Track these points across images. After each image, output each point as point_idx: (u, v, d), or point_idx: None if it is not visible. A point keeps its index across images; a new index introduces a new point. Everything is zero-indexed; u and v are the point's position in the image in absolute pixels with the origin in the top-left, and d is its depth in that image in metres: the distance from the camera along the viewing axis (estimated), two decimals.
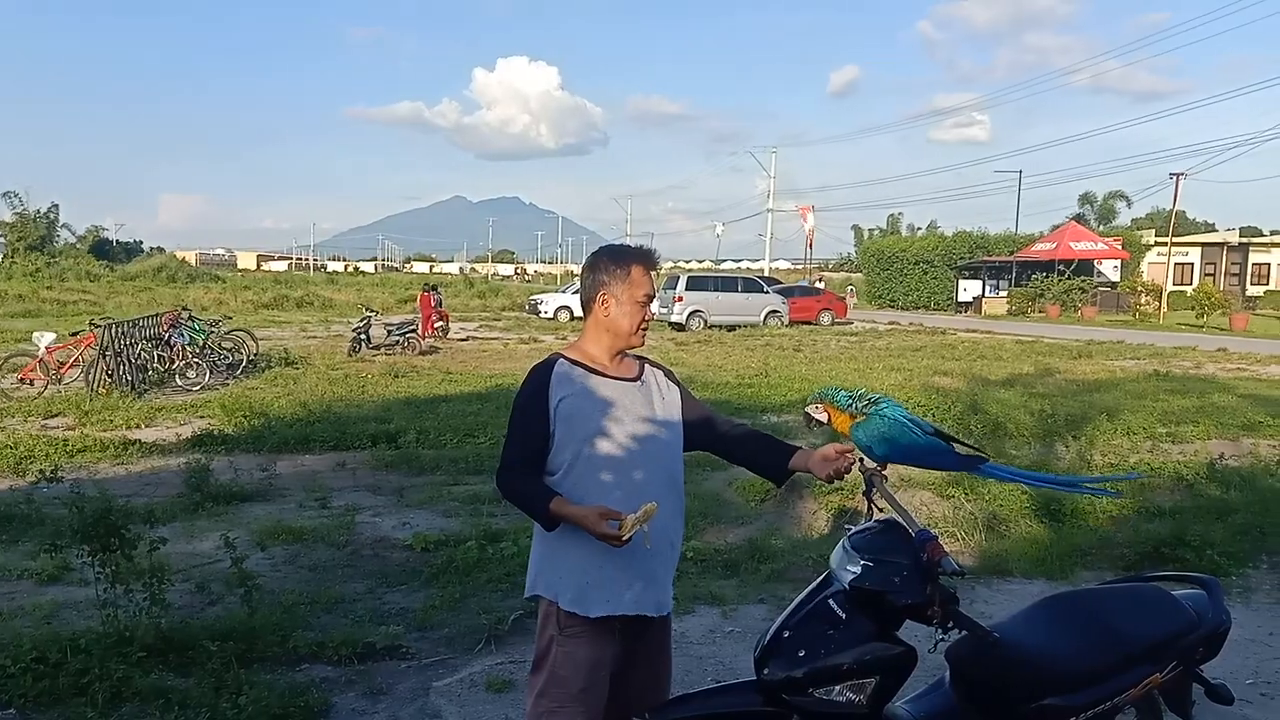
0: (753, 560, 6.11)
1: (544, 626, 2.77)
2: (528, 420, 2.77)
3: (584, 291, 2.90)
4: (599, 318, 2.85)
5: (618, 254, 2.88)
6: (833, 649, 2.59)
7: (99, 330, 13.76)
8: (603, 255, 2.91)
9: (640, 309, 2.85)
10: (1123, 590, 3.19)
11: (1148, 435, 10.45)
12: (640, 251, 2.89)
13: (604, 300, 2.83)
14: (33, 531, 6.51)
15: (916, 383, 14.25)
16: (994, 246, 48.45)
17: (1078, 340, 25.75)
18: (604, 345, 2.87)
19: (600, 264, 2.87)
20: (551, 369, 2.80)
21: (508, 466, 2.79)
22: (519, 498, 2.76)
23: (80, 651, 4.15)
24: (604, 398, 2.79)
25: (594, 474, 2.73)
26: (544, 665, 2.75)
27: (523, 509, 2.79)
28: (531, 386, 2.79)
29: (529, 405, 2.77)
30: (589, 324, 2.89)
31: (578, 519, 2.63)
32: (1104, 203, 75.78)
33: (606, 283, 2.83)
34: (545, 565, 2.79)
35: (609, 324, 2.84)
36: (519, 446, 2.78)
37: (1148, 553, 6.21)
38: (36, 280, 45.60)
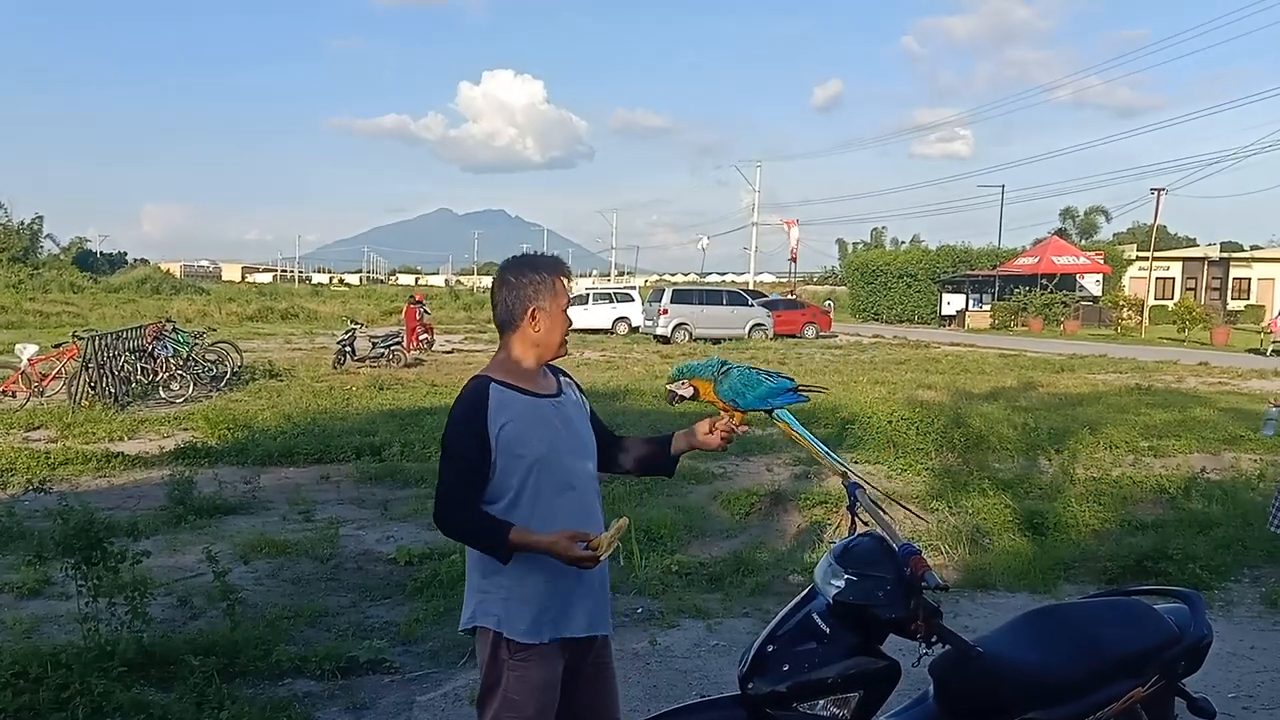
0: (737, 574, 6.12)
1: (493, 653, 2.68)
2: (469, 451, 2.62)
3: (506, 309, 2.73)
4: (529, 333, 2.70)
5: (539, 266, 2.75)
6: (817, 663, 2.59)
7: (82, 342, 13.68)
8: (524, 269, 2.75)
9: (565, 319, 2.76)
10: (1105, 604, 3.21)
11: (1130, 449, 10.51)
12: (557, 261, 2.81)
13: (534, 315, 2.69)
14: (13, 544, 6.45)
15: (900, 396, 14.29)
16: (977, 260, 48.76)
17: (1060, 354, 25.91)
18: (531, 361, 2.74)
19: (524, 278, 2.72)
20: (487, 394, 2.65)
21: (452, 501, 2.64)
22: (470, 533, 2.65)
23: (61, 666, 4.11)
24: (541, 420, 2.71)
25: (540, 501, 2.66)
26: (495, 692, 2.67)
27: (474, 544, 2.67)
28: (468, 414, 2.64)
29: (469, 435, 2.63)
30: (514, 341, 2.73)
31: (545, 547, 2.56)
32: (1086, 217, 76.47)
33: (534, 296, 2.69)
34: (488, 595, 2.69)
35: (540, 339, 2.72)
36: (462, 479, 2.64)
37: (1130, 566, 6.25)
38: (19, 292, 45.21)
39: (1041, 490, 8.33)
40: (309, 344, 26.59)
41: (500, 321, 2.75)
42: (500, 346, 2.78)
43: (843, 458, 9.51)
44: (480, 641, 2.72)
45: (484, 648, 2.70)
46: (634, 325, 33.84)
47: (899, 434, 9.81)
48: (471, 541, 2.68)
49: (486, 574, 2.69)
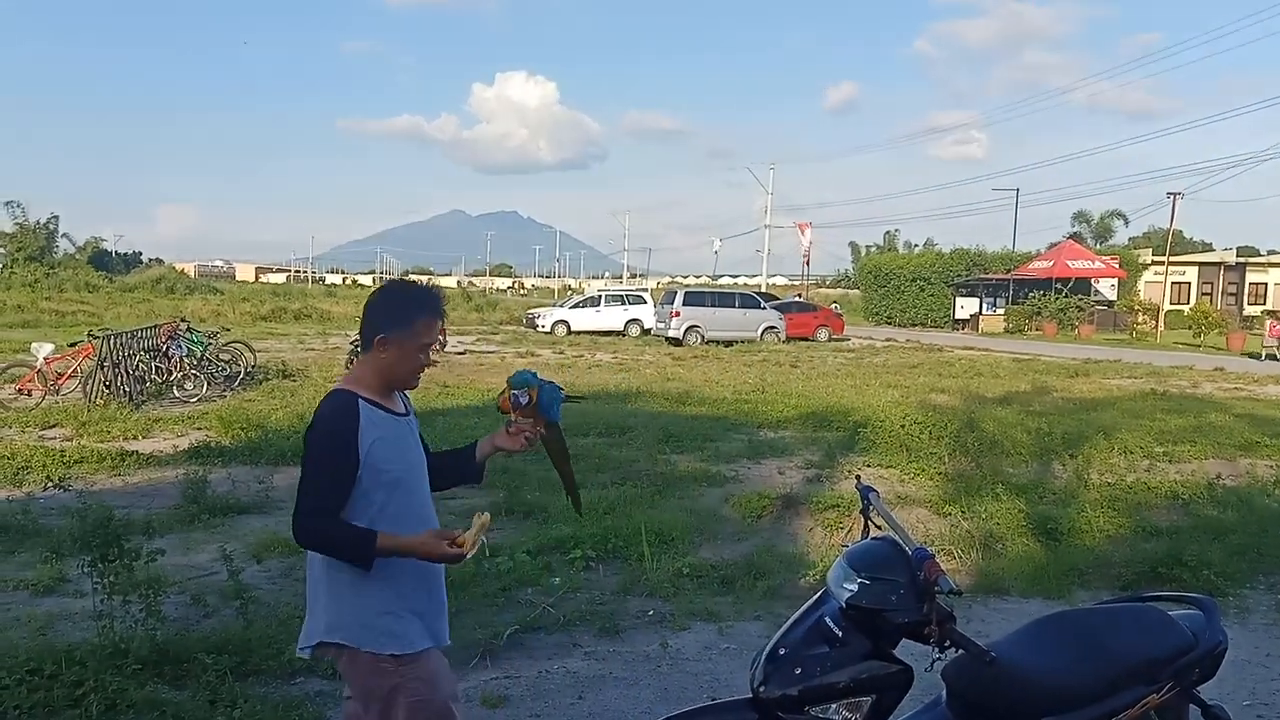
0: (749, 577, 6.11)
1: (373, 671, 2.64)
2: (340, 462, 2.59)
3: (365, 329, 2.74)
4: (376, 359, 2.71)
5: (405, 303, 2.74)
6: (829, 667, 2.59)
7: (97, 341, 13.76)
8: (390, 299, 2.76)
9: (419, 356, 2.75)
10: (1120, 610, 3.19)
11: (1145, 454, 10.45)
12: (430, 299, 2.76)
13: (381, 344, 2.69)
14: (29, 542, 6.49)
15: (913, 400, 14.26)
16: (991, 264, 48.57)
17: (1074, 359, 25.79)
18: (379, 383, 2.75)
19: (384, 308, 2.73)
20: (357, 408, 2.64)
21: (317, 511, 2.57)
22: (334, 542, 2.59)
23: (75, 663, 4.13)
24: (402, 440, 2.74)
25: (399, 518, 2.66)
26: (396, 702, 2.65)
27: (336, 554, 2.60)
28: (342, 426, 2.61)
29: (342, 446, 2.59)
30: (367, 361, 2.74)
31: (413, 547, 2.58)
32: (1101, 221, 76.06)
33: (386, 328, 2.69)
34: (350, 611, 2.64)
35: (386, 367, 2.72)
36: (330, 489, 2.59)
37: (1144, 572, 6.21)
38: (35, 291, 45.57)
39: (1055, 495, 8.29)
40: (322, 344, 26.67)
41: (362, 337, 2.77)
42: (358, 363, 2.80)
43: (854, 462, 9.46)
44: (351, 661, 2.66)
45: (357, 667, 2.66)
46: (646, 327, 33.84)
47: (911, 438, 9.78)
48: (336, 550, 2.60)
49: (340, 591, 2.65)
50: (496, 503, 7.83)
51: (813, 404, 13.65)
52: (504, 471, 8.96)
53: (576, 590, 5.81)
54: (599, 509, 7.42)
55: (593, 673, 4.74)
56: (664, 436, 10.89)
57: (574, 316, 34.86)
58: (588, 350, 26.57)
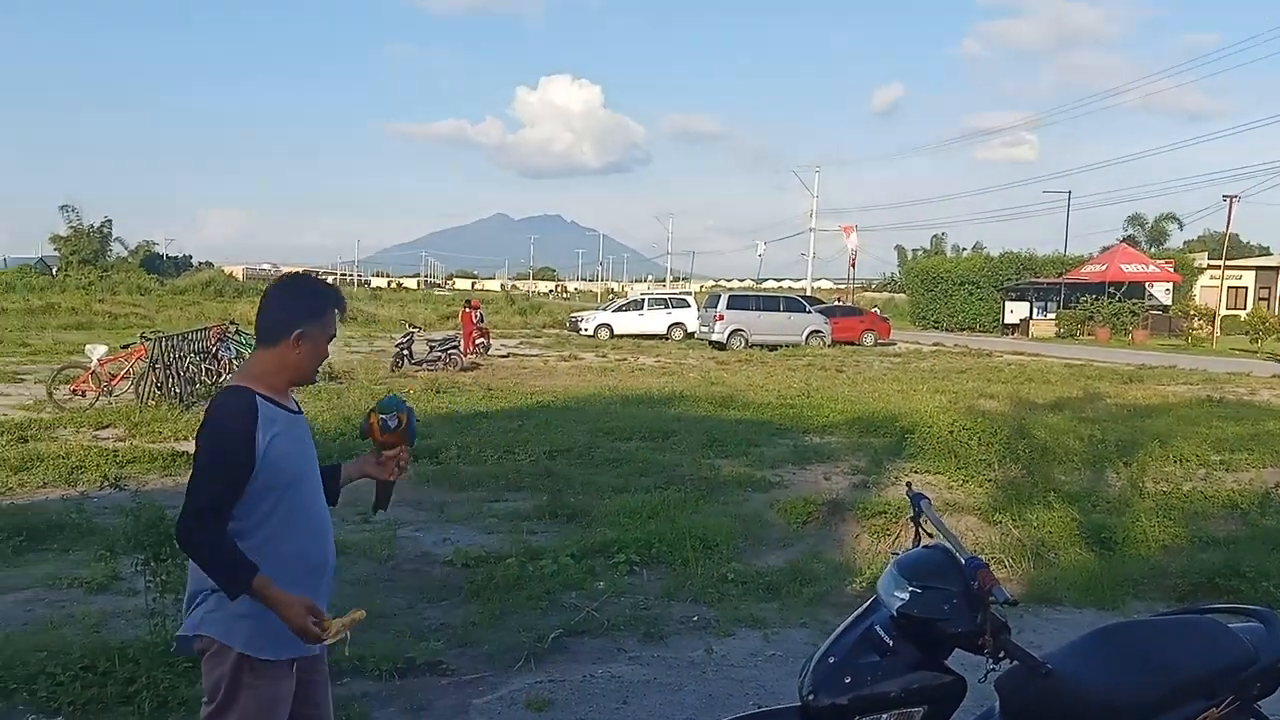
0: (794, 583, 6.06)
1: (233, 673, 2.57)
2: (236, 460, 2.49)
3: (272, 322, 2.65)
4: (286, 353, 2.64)
5: (318, 294, 2.72)
6: (880, 676, 2.55)
7: (149, 343, 14.03)
8: (303, 291, 2.73)
9: (325, 350, 2.72)
10: (1177, 622, 3.12)
11: (1201, 462, 10.22)
12: (336, 293, 2.77)
13: (298, 339, 2.63)
14: (83, 540, 6.62)
15: (961, 405, 14.06)
16: (1042, 268, 47.83)
17: (1128, 364, 25.31)
18: (283, 380, 2.69)
19: (299, 300, 2.69)
20: (256, 405, 2.55)
21: (206, 511, 2.46)
22: (214, 556, 2.46)
23: (128, 660, 4.20)
24: (300, 439, 2.70)
25: (293, 520, 2.62)
26: (230, 709, 2.58)
27: (213, 570, 2.48)
28: (239, 422, 2.51)
29: (238, 443, 2.49)
30: (271, 356, 2.65)
31: (281, 604, 2.47)
32: (1155, 225, 74.63)
33: (304, 320, 2.64)
34: (222, 606, 2.55)
35: (297, 361, 2.66)
36: (222, 489, 2.49)
37: (1201, 584, 6.09)
38: (89, 293, 46.63)
39: (1109, 504, 8.13)
40: (367, 347, 26.97)
41: (260, 333, 2.68)
42: (254, 359, 2.71)
43: (901, 468, 9.35)
44: (214, 659, 2.59)
45: (218, 665, 2.58)
46: (689, 331, 33.80)
47: (960, 444, 9.64)
48: (212, 567, 2.48)
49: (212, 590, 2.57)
50: (540, 505, 7.86)
51: (859, 409, 13.53)
52: (548, 476, 8.99)
53: (620, 595, 5.80)
54: (643, 514, 7.40)
55: (637, 678, 4.72)
56: (708, 441, 10.86)
57: (617, 320, 34.90)
58: (631, 354, 26.59)
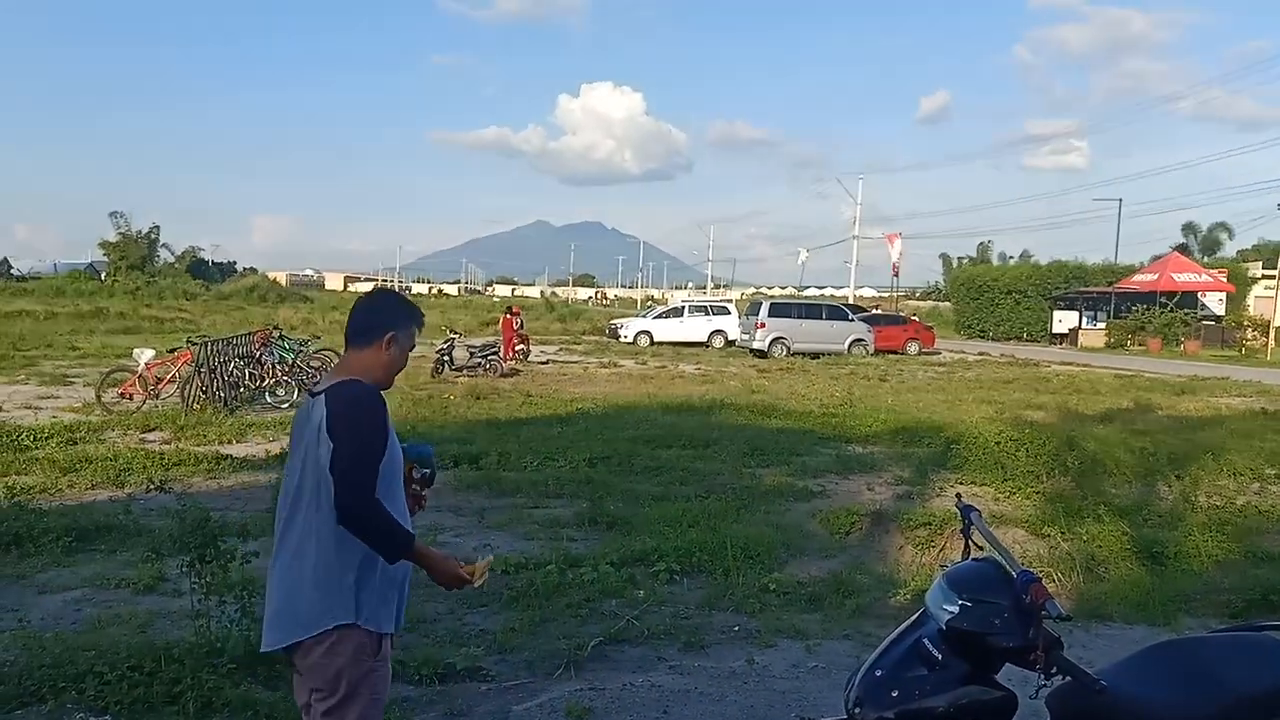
0: (837, 595, 5.98)
1: (356, 656, 2.71)
2: (380, 443, 2.74)
3: (366, 325, 2.89)
4: (378, 354, 2.86)
5: (409, 304, 3.01)
6: (928, 691, 2.50)
7: (195, 348, 14.23)
8: (394, 300, 3.02)
9: (405, 359, 2.94)
10: (1232, 639, 3.03)
11: (1255, 476, 9.97)
12: (419, 310, 3.04)
13: (390, 341, 2.87)
14: (130, 542, 6.71)
15: (1008, 416, 13.85)
16: (1091, 277, 47.09)
17: (1180, 375, 24.81)
18: (372, 379, 2.84)
19: (392, 307, 2.96)
20: (380, 394, 2.83)
21: (369, 487, 2.67)
22: (379, 528, 2.67)
23: (173, 661, 4.24)
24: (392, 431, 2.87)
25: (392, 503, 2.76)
26: (360, 693, 2.72)
27: (379, 539, 2.68)
28: (382, 409, 2.79)
29: (380, 428, 2.75)
30: (364, 356, 2.86)
31: (433, 561, 2.82)
32: (1208, 234, 73.21)
33: (397, 327, 2.88)
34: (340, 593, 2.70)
35: (386, 362, 2.88)
36: (374, 469, 2.70)
37: (1256, 600, 5.95)
38: (137, 298, 47.53)
39: (1160, 518, 7.96)
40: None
41: (353, 336, 2.90)
42: (347, 361, 2.91)
43: (946, 479, 9.22)
44: (339, 644, 2.70)
45: (337, 655, 2.70)
46: (730, 339, 33.67)
47: (1007, 455, 9.48)
48: (382, 536, 2.68)
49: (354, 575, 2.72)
50: (580, 513, 7.85)
51: (902, 419, 13.37)
52: (588, 483, 8.98)
53: (660, 604, 5.76)
54: (683, 523, 7.35)
55: (677, 687, 4.67)
56: (749, 450, 10.78)
57: (657, 327, 34.85)
58: (670, 361, 26.55)
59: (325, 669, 2.71)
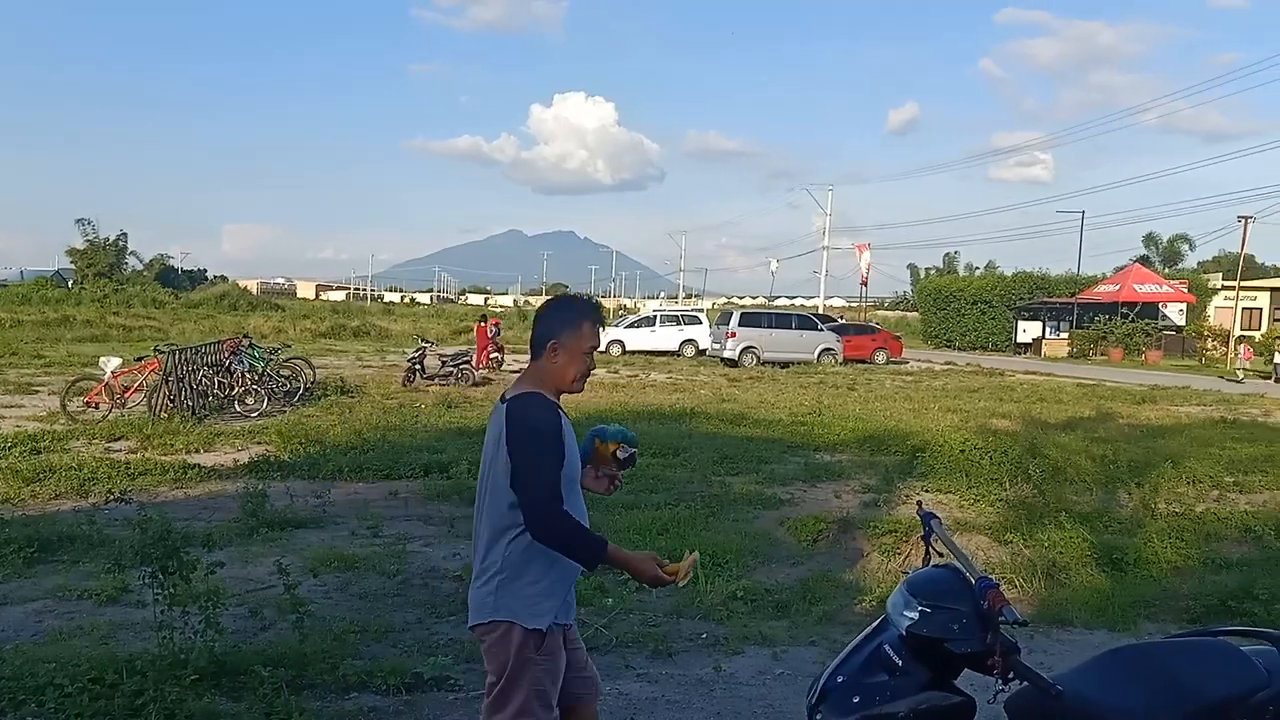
0: (804, 601, 6.03)
1: (519, 650, 2.80)
2: (558, 453, 2.80)
3: (535, 337, 2.97)
4: (546, 364, 2.93)
5: (569, 307, 3.01)
6: (888, 696, 2.54)
7: (163, 356, 14.10)
8: (556, 306, 3.04)
9: (584, 360, 2.95)
10: (1190, 645, 3.08)
11: (1214, 484, 10.14)
12: (590, 307, 3.02)
13: (553, 349, 2.91)
14: (93, 552, 6.64)
15: (973, 424, 14.01)
16: (1055, 287, 47.71)
17: (1141, 385, 25.17)
18: (550, 387, 2.94)
19: (553, 314, 2.98)
20: (556, 404, 2.90)
21: (555, 499, 2.76)
22: (577, 533, 2.76)
23: (136, 673, 4.20)
24: (573, 439, 2.95)
25: (572, 509, 2.82)
26: (521, 686, 2.81)
27: (570, 546, 2.78)
28: (552, 419, 2.83)
29: (557, 438, 2.81)
30: (537, 367, 2.95)
31: (631, 562, 2.82)
32: (1169, 245, 74.39)
33: (558, 333, 2.92)
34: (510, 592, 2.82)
35: (556, 370, 2.93)
36: (556, 478, 2.78)
37: (1214, 606, 6.03)
38: (104, 306, 46.88)
39: (1121, 525, 8.08)
40: (380, 361, 27.06)
41: (531, 347, 3.00)
42: (528, 370, 3.00)
43: (912, 487, 9.31)
44: (500, 640, 2.83)
45: (505, 646, 2.82)
46: (701, 348, 33.77)
47: (971, 463, 9.59)
48: (572, 546, 2.77)
49: (520, 575, 2.83)
50: None
51: (870, 427, 13.48)
52: None
53: (629, 611, 5.78)
54: (652, 530, 7.38)
55: (645, 695, 4.70)
56: (718, 458, 10.83)
57: (629, 336, 34.89)
58: (642, 370, 26.59)
59: (494, 656, 2.85)
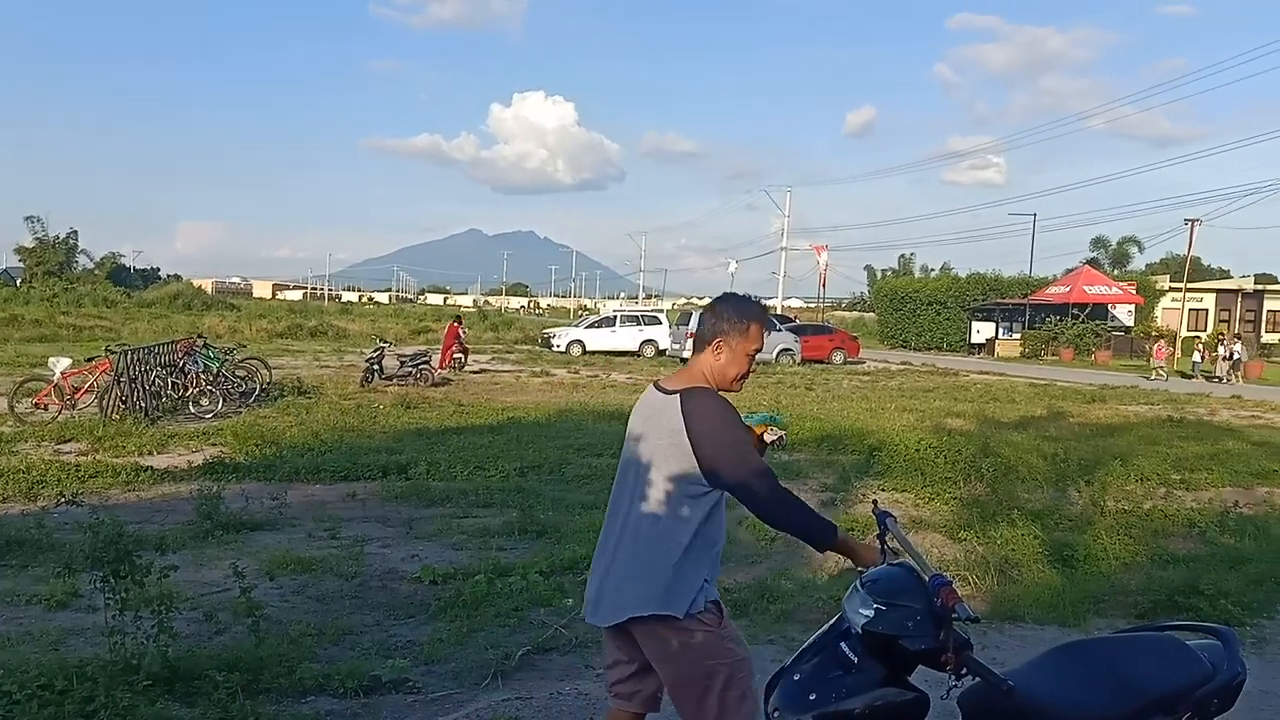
0: (762, 600, 6.07)
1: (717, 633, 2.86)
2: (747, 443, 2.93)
3: (702, 331, 3.03)
4: (710, 360, 2.99)
5: (740, 307, 3.02)
6: (844, 693, 2.57)
7: (114, 356, 13.85)
8: (728, 304, 3.04)
9: (747, 361, 3.02)
10: (1137, 639, 3.16)
11: (1161, 481, 10.37)
12: (760, 310, 3.07)
13: (718, 345, 2.97)
14: (43, 557, 6.51)
15: (928, 424, 14.19)
16: (1007, 289, 48.45)
17: (1091, 384, 25.64)
18: (711, 383, 2.99)
19: (723, 311, 3.01)
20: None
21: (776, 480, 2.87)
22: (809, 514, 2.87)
23: (86, 679, 4.12)
24: None
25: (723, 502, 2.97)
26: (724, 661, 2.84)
27: (807, 527, 2.88)
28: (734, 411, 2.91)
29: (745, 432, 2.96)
30: (701, 360, 3.01)
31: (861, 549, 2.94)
32: (1118, 247, 75.82)
33: (726, 331, 2.97)
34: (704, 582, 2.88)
35: (718, 368, 2.98)
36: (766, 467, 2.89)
37: (1161, 601, 6.15)
38: (54, 305, 45.91)
39: (1071, 522, 8.23)
40: (338, 362, 26.78)
41: (696, 337, 3.07)
42: (691, 363, 3.06)
43: (869, 485, 9.41)
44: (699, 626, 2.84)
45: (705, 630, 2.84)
46: (661, 348, 33.86)
47: (926, 462, 9.72)
48: (806, 526, 2.87)
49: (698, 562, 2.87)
50: (510, 522, 7.83)
51: (827, 427, 13.59)
52: (518, 492, 8.97)
53: None
54: None
55: (605, 695, 4.69)
56: None
57: (589, 336, 34.87)
58: (602, 370, 26.58)
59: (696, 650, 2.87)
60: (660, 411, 2.91)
